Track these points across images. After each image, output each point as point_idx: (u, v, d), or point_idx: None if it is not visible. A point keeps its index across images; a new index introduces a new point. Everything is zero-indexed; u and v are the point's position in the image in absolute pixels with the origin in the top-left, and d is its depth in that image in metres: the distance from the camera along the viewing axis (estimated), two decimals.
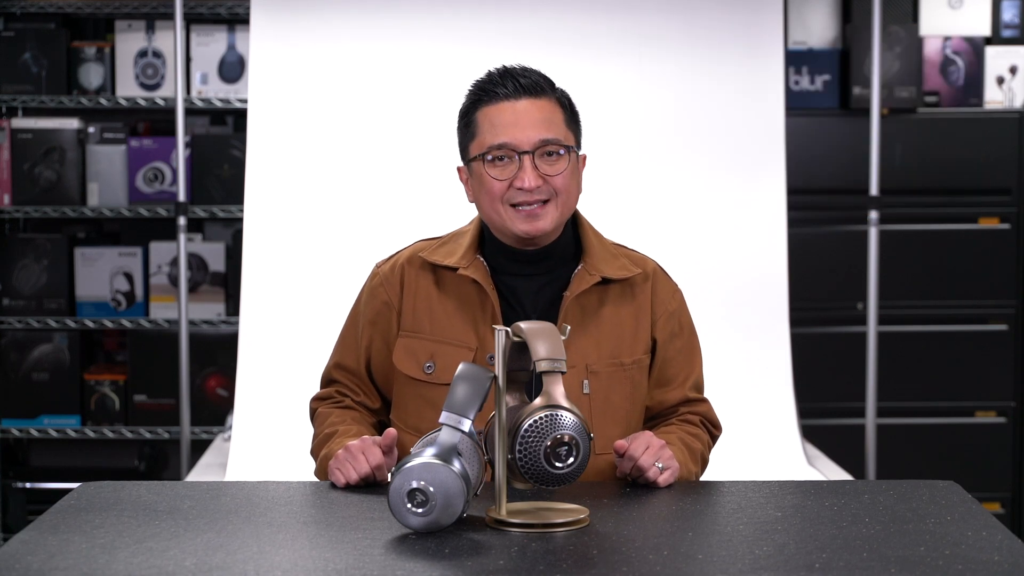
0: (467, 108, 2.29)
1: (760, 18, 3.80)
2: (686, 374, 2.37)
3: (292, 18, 3.78)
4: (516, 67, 2.28)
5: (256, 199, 3.72)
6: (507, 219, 2.24)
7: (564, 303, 2.27)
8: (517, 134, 2.22)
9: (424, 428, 2.24)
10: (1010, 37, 4.54)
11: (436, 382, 2.27)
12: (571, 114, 2.29)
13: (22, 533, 1.85)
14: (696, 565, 1.72)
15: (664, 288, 2.36)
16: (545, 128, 2.23)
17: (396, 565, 1.71)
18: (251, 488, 2.13)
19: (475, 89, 2.28)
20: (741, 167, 3.77)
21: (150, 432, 4.45)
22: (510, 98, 2.23)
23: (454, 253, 2.31)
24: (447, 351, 2.28)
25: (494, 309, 2.26)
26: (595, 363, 2.26)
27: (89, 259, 4.50)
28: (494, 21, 3.77)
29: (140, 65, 4.47)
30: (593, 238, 2.34)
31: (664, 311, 2.34)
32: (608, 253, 2.33)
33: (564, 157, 2.24)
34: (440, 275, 2.32)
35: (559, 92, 2.29)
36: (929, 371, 4.41)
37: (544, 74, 2.29)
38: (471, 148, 2.27)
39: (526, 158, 2.21)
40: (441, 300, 2.31)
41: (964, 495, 2.06)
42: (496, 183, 2.23)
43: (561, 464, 1.87)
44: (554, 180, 2.23)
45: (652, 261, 2.39)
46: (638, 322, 2.32)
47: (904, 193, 4.37)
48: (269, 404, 3.57)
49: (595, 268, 2.29)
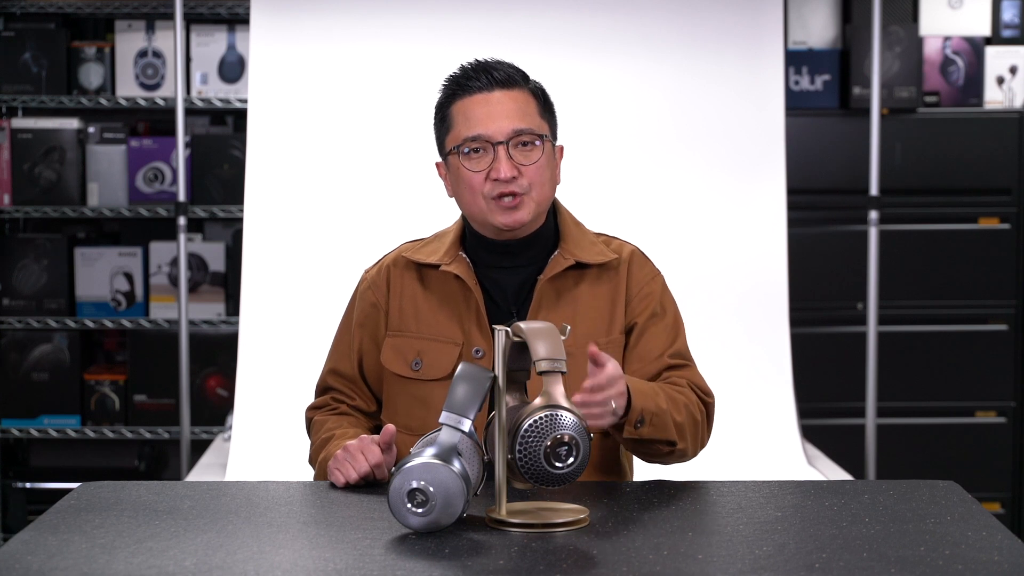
0: (442, 103, 2.31)
1: (760, 18, 3.80)
2: (666, 346, 2.33)
3: (292, 18, 3.78)
4: (490, 60, 2.29)
5: (256, 199, 3.72)
6: (487, 212, 2.25)
7: (538, 285, 2.28)
8: (491, 125, 2.23)
9: (414, 426, 2.24)
10: (1010, 37, 4.54)
11: (424, 379, 2.28)
12: (545, 104, 2.31)
13: (22, 533, 1.85)
14: (696, 565, 1.72)
15: (641, 270, 2.35)
16: (519, 118, 2.24)
17: (396, 565, 1.71)
18: (251, 488, 2.13)
19: (449, 83, 2.30)
20: (741, 167, 3.77)
21: (150, 432, 4.45)
22: (483, 90, 2.25)
23: (437, 251, 2.33)
24: (433, 347, 2.29)
25: (478, 303, 2.27)
26: (570, 344, 2.25)
27: (89, 259, 4.50)
28: (494, 21, 3.77)
29: (140, 65, 4.47)
30: (572, 226, 2.35)
31: (639, 292, 2.33)
32: (586, 240, 2.34)
33: (539, 147, 2.25)
34: (424, 273, 2.34)
35: (533, 84, 2.30)
36: (929, 371, 4.41)
37: (517, 67, 2.31)
38: (447, 142, 2.29)
39: (500, 148, 2.23)
40: (426, 298, 2.32)
41: (964, 495, 2.06)
42: (473, 175, 2.24)
43: (561, 464, 1.87)
44: (528, 170, 2.24)
45: (630, 246, 2.39)
46: (614, 304, 2.32)
47: (904, 193, 4.37)
48: (269, 404, 3.57)
49: (570, 252, 2.30)
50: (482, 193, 2.24)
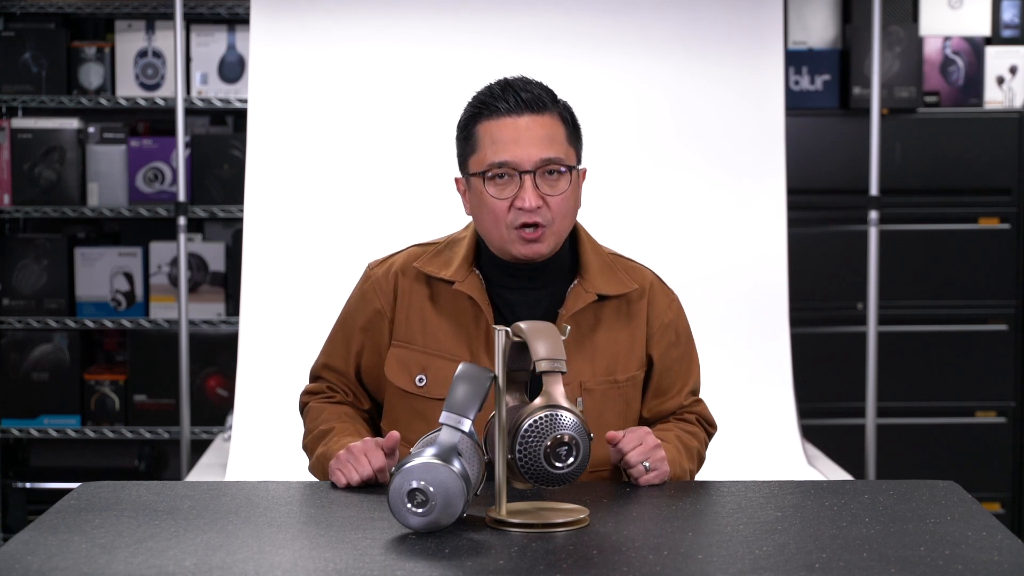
0: (466, 121, 2.24)
1: (760, 18, 3.80)
2: (683, 382, 2.36)
3: (292, 18, 3.78)
4: (517, 80, 2.23)
5: (256, 199, 3.72)
6: (507, 241, 2.21)
7: (559, 320, 2.24)
8: (519, 152, 2.17)
9: (415, 439, 2.22)
10: (1010, 37, 4.54)
11: (428, 396, 2.25)
12: (573, 129, 2.25)
13: (22, 533, 1.85)
14: (696, 565, 1.72)
15: (660, 300, 2.33)
16: (547, 146, 2.18)
17: (396, 565, 1.71)
18: (251, 488, 2.13)
19: (475, 102, 2.23)
20: (741, 167, 3.77)
21: (150, 432, 4.45)
22: (512, 113, 2.19)
23: (450, 264, 2.28)
24: (439, 364, 2.26)
25: (487, 325, 2.24)
26: (589, 380, 2.25)
27: (89, 259, 4.50)
28: (494, 22, 3.77)
29: (140, 65, 4.47)
30: (591, 252, 2.30)
31: (660, 324, 2.32)
32: (605, 266, 2.30)
33: (566, 176, 2.20)
34: (435, 286, 2.29)
35: (561, 106, 2.24)
36: (929, 371, 4.41)
37: (546, 86, 2.24)
38: (471, 163, 2.23)
39: (527, 178, 2.17)
40: (435, 312, 2.28)
41: (964, 495, 2.06)
42: (497, 203, 2.19)
43: (561, 464, 1.87)
44: (554, 201, 2.19)
45: (649, 272, 2.36)
46: (633, 338, 2.29)
47: (904, 193, 4.37)
48: (269, 404, 3.57)
49: (591, 285, 2.26)
50: (505, 222, 2.19)
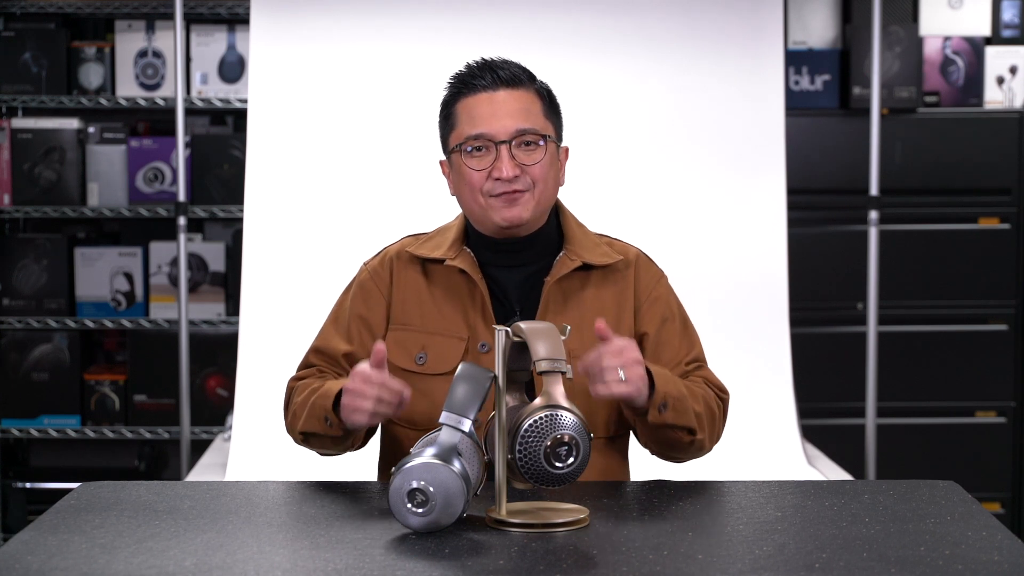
0: (447, 100, 2.31)
1: (760, 18, 3.80)
2: (684, 353, 2.34)
3: (292, 18, 3.78)
4: (496, 59, 2.29)
5: (256, 199, 3.72)
6: (486, 208, 2.25)
7: (545, 287, 2.28)
8: (494, 124, 2.23)
9: (417, 419, 2.23)
10: (1010, 37, 4.54)
11: (429, 372, 2.27)
12: (551, 105, 2.30)
13: (22, 533, 1.85)
14: (696, 565, 1.72)
15: (647, 274, 2.36)
16: (522, 118, 2.24)
17: (396, 565, 1.71)
18: (251, 488, 2.13)
19: (455, 81, 2.30)
20: (741, 167, 3.78)
21: (150, 432, 4.45)
22: (488, 89, 2.25)
23: (441, 246, 2.33)
24: (438, 342, 2.28)
25: (483, 298, 2.27)
26: (577, 348, 2.25)
27: (89, 259, 4.50)
28: (494, 22, 3.77)
29: (140, 65, 4.47)
30: (575, 227, 2.35)
31: (648, 297, 2.33)
32: (590, 241, 2.34)
33: (542, 147, 2.25)
34: (428, 268, 2.33)
35: (538, 84, 2.30)
36: (929, 371, 4.41)
37: (524, 66, 2.30)
38: (450, 139, 2.29)
39: (503, 148, 2.23)
40: (430, 292, 2.32)
41: (964, 495, 2.06)
42: (474, 174, 2.24)
43: (561, 464, 1.87)
44: (531, 170, 2.24)
45: (635, 248, 2.39)
46: (620, 307, 2.32)
47: (904, 193, 4.37)
48: (269, 404, 3.55)
49: (576, 254, 2.30)
50: (482, 191, 2.24)
